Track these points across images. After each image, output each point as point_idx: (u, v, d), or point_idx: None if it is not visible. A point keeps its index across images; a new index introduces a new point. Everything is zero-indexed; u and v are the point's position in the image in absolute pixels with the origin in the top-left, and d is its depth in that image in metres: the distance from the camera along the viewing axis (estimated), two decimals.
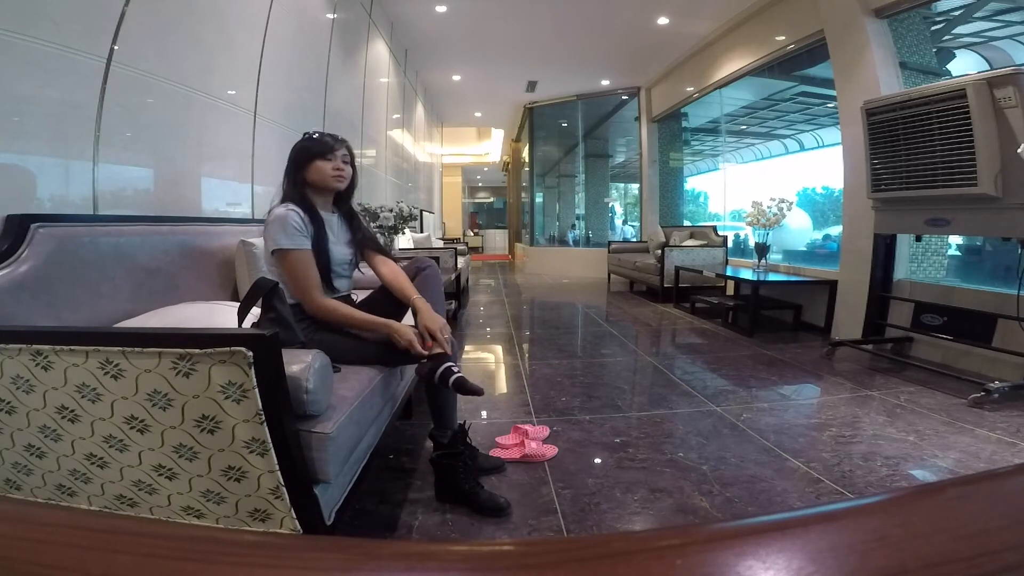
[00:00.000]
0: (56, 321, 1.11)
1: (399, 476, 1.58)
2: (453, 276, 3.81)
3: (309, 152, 1.45)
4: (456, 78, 7.05)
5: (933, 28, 3.49)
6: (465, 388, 1.31)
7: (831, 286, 3.52)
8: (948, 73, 3.63)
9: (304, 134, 1.50)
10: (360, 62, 4.09)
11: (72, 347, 0.84)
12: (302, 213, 1.38)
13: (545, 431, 1.89)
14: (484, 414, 2.05)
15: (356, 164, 1.54)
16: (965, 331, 2.59)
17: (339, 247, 1.48)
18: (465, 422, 1.50)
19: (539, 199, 10.14)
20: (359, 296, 1.59)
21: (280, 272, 1.36)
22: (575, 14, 4.89)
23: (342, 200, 1.56)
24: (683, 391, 2.40)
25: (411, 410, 1.94)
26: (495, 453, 1.69)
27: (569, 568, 0.19)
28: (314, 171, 1.44)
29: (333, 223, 1.49)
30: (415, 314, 1.40)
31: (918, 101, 2.46)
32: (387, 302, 1.49)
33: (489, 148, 12.43)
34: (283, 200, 1.42)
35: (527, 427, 1.86)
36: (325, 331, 1.36)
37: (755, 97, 6.00)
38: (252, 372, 0.81)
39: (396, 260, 1.59)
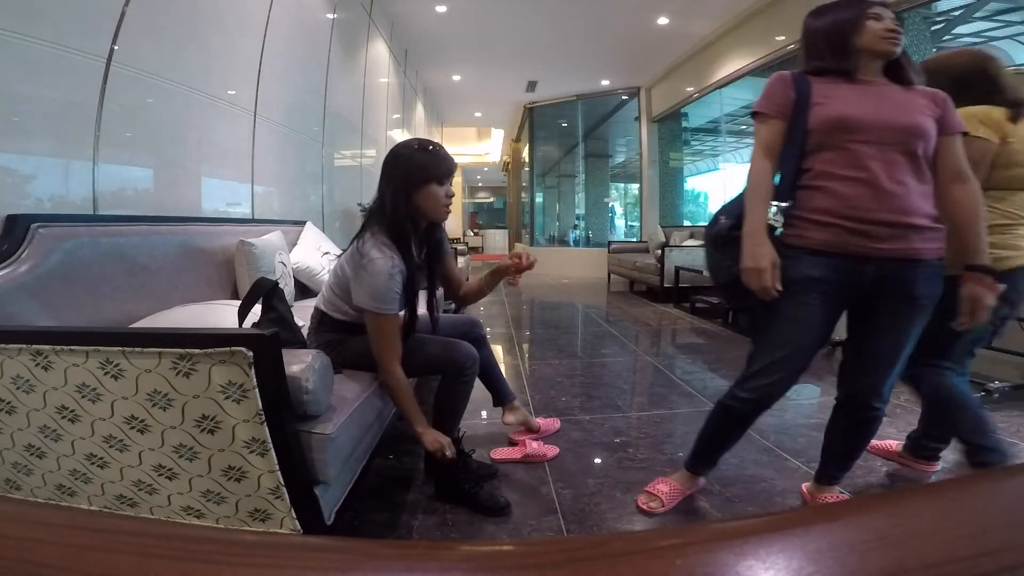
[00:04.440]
0: (56, 321, 1.11)
1: (399, 476, 1.58)
2: None
3: (430, 173, 1.21)
4: (456, 78, 7.05)
5: (933, 28, 3.49)
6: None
7: None
8: None
9: (418, 143, 1.24)
10: (360, 62, 4.09)
11: (72, 347, 0.84)
12: (404, 269, 1.19)
13: None
14: (484, 414, 2.05)
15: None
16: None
17: (422, 288, 1.37)
18: (460, 431, 1.48)
19: (539, 199, 10.15)
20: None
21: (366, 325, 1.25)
22: (575, 14, 4.89)
23: (433, 227, 1.35)
24: (683, 391, 2.39)
25: None
26: (496, 453, 1.69)
27: (569, 568, 0.19)
28: (428, 196, 1.21)
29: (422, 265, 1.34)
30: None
31: None
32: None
33: (489, 148, 12.42)
34: (389, 217, 1.20)
35: None
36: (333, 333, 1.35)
37: (755, 97, 5.98)
38: (252, 372, 0.81)
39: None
